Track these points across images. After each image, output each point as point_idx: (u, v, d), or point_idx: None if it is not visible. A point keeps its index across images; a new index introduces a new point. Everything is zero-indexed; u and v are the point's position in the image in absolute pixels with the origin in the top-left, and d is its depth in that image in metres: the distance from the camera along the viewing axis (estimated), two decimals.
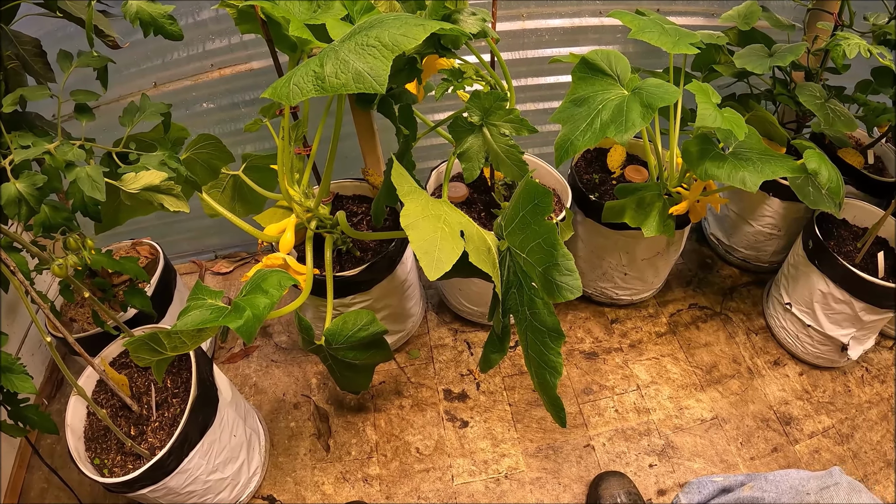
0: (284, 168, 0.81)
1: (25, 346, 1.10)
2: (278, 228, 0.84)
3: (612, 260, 1.09)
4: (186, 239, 1.29)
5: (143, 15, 0.62)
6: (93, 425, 0.85)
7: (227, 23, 0.99)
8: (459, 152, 0.77)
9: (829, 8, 1.00)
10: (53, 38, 0.89)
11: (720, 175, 0.80)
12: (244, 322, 0.59)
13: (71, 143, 0.65)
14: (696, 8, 1.14)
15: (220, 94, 1.06)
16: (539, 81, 1.17)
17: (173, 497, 0.81)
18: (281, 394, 1.08)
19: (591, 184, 1.07)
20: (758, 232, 1.19)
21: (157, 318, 0.97)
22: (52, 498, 1.01)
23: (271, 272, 0.67)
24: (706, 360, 1.13)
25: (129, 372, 0.90)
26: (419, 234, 0.61)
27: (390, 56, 0.55)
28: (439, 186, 1.06)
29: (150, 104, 0.73)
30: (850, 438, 1.02)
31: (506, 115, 0.74)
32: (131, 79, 1.03)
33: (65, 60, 0.70)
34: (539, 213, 0.64)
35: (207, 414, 0.82)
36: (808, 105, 0.95)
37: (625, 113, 0.73)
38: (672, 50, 0.81)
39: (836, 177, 0.86)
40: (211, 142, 0.86)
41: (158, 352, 0.62)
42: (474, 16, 0.70)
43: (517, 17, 1.06)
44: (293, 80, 0.57)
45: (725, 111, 0.79)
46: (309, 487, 0.96)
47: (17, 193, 0.59)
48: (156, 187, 0.65)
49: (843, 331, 1.01)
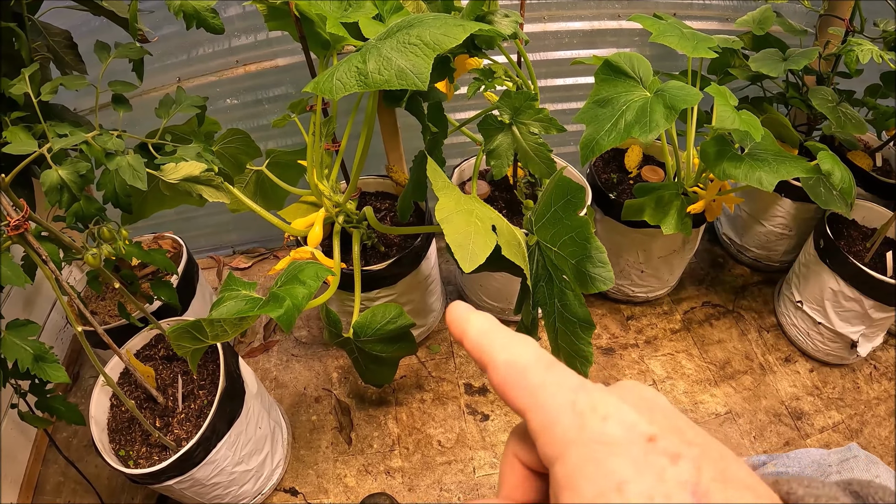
0: (314, 163, 0.82)
1: (42, 339, 1.10)
2: (306, 223, 0.85)
3: (629, 257, 1.11)
4: (204, 234, 1.30)
5: (187, 8, 0.63)
6: (116, 417, 0.86)
7: (253, 20, 1.00)
8: (489, 150, 0.78)
9: (841, 14, 1.03)
10: (78, 32, 0.89)
11: (737, 175, 0.83)
12: (285, 311, 0.60)
13: (110, 133, 0.65)
14: (712, 13, 1.17)
15: (244, 91, 1.07)
16: (558, 82, 1.19)
17: (199, 488, 0.82)
18: (302, 388, 1.09)
19: (609, 183, 1.09)
20: (769, 232, 1.21)
21: (180, 311, 0.98)
22: (69, 492, 1.00)
23: (307, 264, 0.69)
24: (719, 357, 1.15)
25: (154, 364, 0.90)
26: (454, 228, 0.62)
27: (432, 54, 0.57)
28: (462, 183, 1.08)
29: (186, 97, 0.74)
30: (859, 433, 1.05)
31: (535, 114, 0.76)
32: (155, 74, 1.04)
33: (102, 51, 0.71)
34: (572, 209, 0.65)
35: (235, 406, 0.82)
36: (821, 108, 0.98)
37: (648, 114, 0.75)
38: (692, 54, 0.83)
39: (849, 178, 0.89)
40: (239, 136, 0.87)
41: (199, 340, 0.62)
42: (507, 18, 0.72)
43: (539, 20, 1.08)
44: (336, 75, 0.58)
45: (742, 113, 0.81)
46: (331, 480, 0.97)
47: (60, 180, 0.60)
48: (195, 178, 0.66)
49: (852, 328, 1.04)
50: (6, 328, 0.63)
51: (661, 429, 0.15)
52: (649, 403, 0.16)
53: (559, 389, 0.16)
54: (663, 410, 0.16)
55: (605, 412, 0.15)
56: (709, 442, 0.16)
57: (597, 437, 0.15)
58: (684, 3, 1.15)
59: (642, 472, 0.14)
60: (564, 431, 0.15)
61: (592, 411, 0.15)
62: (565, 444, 0.15)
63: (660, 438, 0.15)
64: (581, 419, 0.15)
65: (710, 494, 0.14)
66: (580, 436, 0.15)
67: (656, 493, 0.14)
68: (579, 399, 0.16)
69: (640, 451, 0.15)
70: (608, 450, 0.15)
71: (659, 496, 0.14)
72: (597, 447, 0.15)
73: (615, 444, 0.15)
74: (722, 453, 0.15)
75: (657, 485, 0.14)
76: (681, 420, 0.16)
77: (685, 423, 0.16)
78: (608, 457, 0.14)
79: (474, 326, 0.18)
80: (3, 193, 0.57)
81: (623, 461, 0.14)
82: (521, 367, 0.17)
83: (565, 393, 0.16)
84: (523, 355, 0.17)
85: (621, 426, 0.15)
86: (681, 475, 0.14)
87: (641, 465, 0.14)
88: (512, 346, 0.17)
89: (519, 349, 0.17)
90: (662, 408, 0.16)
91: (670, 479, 0.14)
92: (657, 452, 0.14)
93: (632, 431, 0.15)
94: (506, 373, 0.17)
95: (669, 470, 0.14)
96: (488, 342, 0.18)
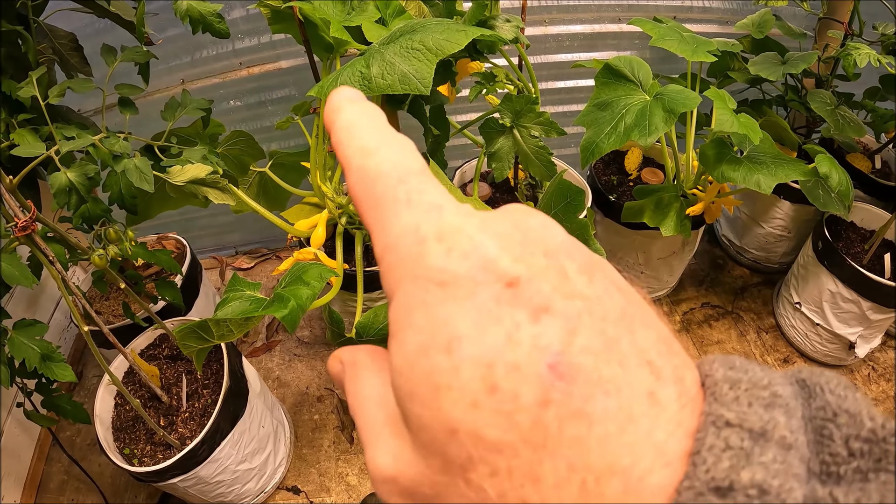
0: (317, 165, 0.82)
1: (46, 339, 1.11)
2: (309, 224, 0.86)
3: (629, 259, 1.12)
4: (207, 235, 1.31)
5: (193, 12, 0.64)
6: (121, 415, 0.87)
7: (257, 22, 1.01)
8: (490, 152, 0.79)
9: (840, 17, 1.04)
10: (83, 34, 0.90)
11: (736, 178, 0.84)
12: (289, 312, 0.61)
13: (117, 135, 0.66)
14: (711, 16, 1.18)
15: (247, 93, 1.08)
16: (559, 85, 1.20)
17: (202, 487, 0.83)
18: (304, 387, 1.10)
19: (609, 185, 1.10)
20: (768, 234, 1.22)
21: (184, 311, 0.98)
22: (72, 490, 1.01)
23: (311, 265, 0.69)
24: None
25: (158, 363, 0.91)
26: None
27: (434, 59, 0.58)
28: (464, 185, 1.08)
29: (192, 100, 0.74)
30: None
31: (536, 117, 0.77)
32: (159, 75, 1.05)
33: (109, 54, 0.72)
34: (572, 211, 0.66)
35: (238, 404, 0.83)
36: (819, 111, 0.98)
37: (648, 117, 0.76)
38: (691, 57, 0.84)
39: (846, 180, 0.89)
40: (243, 138, 0.88)
41: (205, 339, 0.63)
42: (509, 22, 0.73)
43: (540, 23, 1.09)
44: (340, 79, 0.59)
45: (741, 116, 0.82)
46: (333, 479, 0.98)
47: (68, 183, 0.61)
48: (201, 180, 0.67)
49: (850, 329, 1.05)
50: (14, 328, 0.64)
51: (532, 271, 0.11)
52: (529, 234, 0.12)
53: (407, 208, 0.12)
54: (548, 247, 0.12)
55: (452, 242, 0.11)
56: (606, 295, 0.11)
57: (434, 274, 0.11)
58: (684, 7, 1.16)
59: (485, 327, 0.10)
60: (401, 262, 0.12)
61: (437, 239, 0.11)
62: (398, 280, 0.12)
63: (524, 283, 0.11)
64: (420, 247, 0.11)
65: (578, 369, 0.10)
66: (414, 269, 0.11)
67: (499, 360, 0.10)
68: (427, 221, 0.12)
69: (489, 297, 0.10)
70: (445, 292, 0.11)
71: (502, 365, 0.10)
72: (431, 287, 0.11)
73: (456, 285, 0.11)
74: (623, 313, 0.11)
75: (503, 348, 0.10)
76: (573, 262, 0.11)
77: (579, 267, 0.11)
78: (443, 302, 0.11)
79: (342, 119, 0.14)
80: (10, 195, 0.58)
81: (461, 310, 0.10)
82: (373, 176, 0.13)
83: (413, 213, 0.12)
84: (378, 161, 0.13)
85: (469, 262, 0.11)
86: (540, 337, 0.10)
87: (487, 317, 0.10)
88: (370, 147, 0.13)
89: (377, 153, 0.13)
90: (548, 243, 0.12)
91: (524, 342, 0.10)
92: (515, 302, 0.10)
93: (484, 271, 0.11)
94: (356, 182, 0.13)
95: (526, 328, 0.10)
96: (348, 141, 0.14)
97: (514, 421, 0.10)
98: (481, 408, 0.10)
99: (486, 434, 0.10)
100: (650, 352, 0.11)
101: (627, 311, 0.11)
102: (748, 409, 0.10)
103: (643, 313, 0.12)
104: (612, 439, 0.10)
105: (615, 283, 0.12)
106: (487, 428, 0.10)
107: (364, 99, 0.15)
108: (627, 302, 0.12)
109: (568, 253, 0.12)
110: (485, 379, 0.10)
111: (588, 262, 0.12)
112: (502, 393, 0.10)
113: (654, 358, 0.11)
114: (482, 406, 0.10)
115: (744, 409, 0.10)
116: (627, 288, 0.12)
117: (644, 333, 0.11)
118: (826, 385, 0.11)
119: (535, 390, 0.10)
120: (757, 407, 0.10)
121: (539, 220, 0.12)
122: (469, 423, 0.10)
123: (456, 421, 0.10)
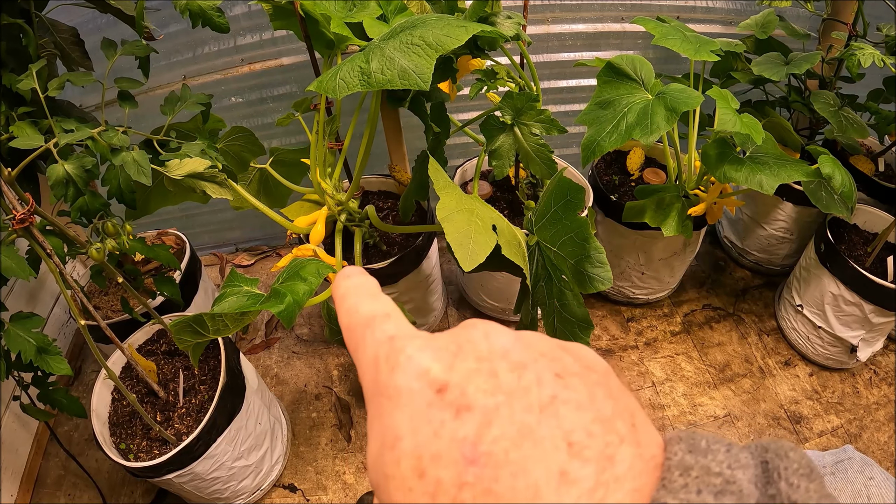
0: (317, 162, 0.82)
1: (46, 333, 1.11)
2: (308, 221, 0.86)
3: (630, 259, 1.11)
4: (207, 232, 1.31)
5: (193, 7, 0.64)
6: (118, 411, 0.86)
7: (259, 18, 1.01)
8: (491, 150, 0.79)
9: (844, 18, 1.03)
10: (85, 29, 0.90)
11: (738, 178, 0.83)
12: (286, 307, 0.61)
13: (116, 129, 0.66)
14: (715, 16, 1.17)
15: (248, 89, 1.08)
16: (561, 84, 1.19)
17: (198, 483, 0.82)
18: (302, 385, 1.09)
19: (610, 185, 1.10)
20: (770, 235, 1.21)
21: (183, 306, 0.98)
22: (69, 485, 1.01)
23: (308, 261, 0.69)
24: (719, 360, 1.15)
25: (156, 359, 0.91)
26: (454, 227, 0.62)
27: (434, 55, 0.58)
28: (464, 183, 1.08)
29: (192, 94, 0.74)
30: (858, 438, 1.05)
31: (537, 115, 0.76)
32: (160, 72, 1.05)
33: (109, 48, 0.71)
34: (571, 209, 0.66)
35: (235, 401, 0.83)
36: (823, 112, 0.98)
37: (650, 116, 0.75)
38: (694, 57, 0.83)
39: (849, 181, 0.89)
40: (244, 134, 0.88)
41: (201, 334, 0.63)
42: (510, 19, 0.73)
43: (542, 21, 1.08)
44: (339, 74, 0.59)
45: (744, 117, 0.81)
46: (330, 477, 0.97)
47: (66, 174, 0.61)
48: (199, 174, 0.66)
49: (852, 332, 1.04)
50: (10, 320, 0.64)
51: (461, 377, 0.13)
52: (463, 345, 0.14)
53: (370, 343, 0.15)
54: (479, 351, 0.13)
55: (395, 362, 0.14)
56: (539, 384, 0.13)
57: (383, 391, 0.14)
58: (687, 7, 1.15)
59: (418, 427, 0.12)
60: (366, 386, 0.14)
61: (385, 361, 0.14)
62: (368, 400, 0.14)
63: (451, 387, 0.13)
64: (374, 371, 0.14)
65: (490, 457, 0.12)
66: (373, 390, 0.14)
67: (425, 452, 0.12)
68: (380, 349, 0.14)
69: (423, 403, 0.13)
70: (391, 403, 0.13)
71: (427, 456, 0.12)
72: (382, 401, 0.14)
73: (398, 397, 0.13)
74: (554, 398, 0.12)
75: (429, 442, 0.12)
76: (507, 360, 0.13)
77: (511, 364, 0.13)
78: (391, 412, 0.13)
79: (338, 290, 0.18)
80: (8, 187, 0.57)
81: (402, 415, 0.13)
82: (352, 326, 0.16)
83: (372, 346, 0.15)
84: (358, 315, 0.16)
85: (408, 376, 0.13)
86: (458, 430, 0.12)
87: (419, 419, 0.13)
88: (352, 306, 0.17)
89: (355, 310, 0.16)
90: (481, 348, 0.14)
91: (445, 435, 0.12)
92: (441, 405, 0.13)
93: (419, 381, 0.13)
94: (345, 334, 0.16)
95: (448, 425, 0.12)
96: (341, 304, 0.17)
97: (438, 501, 0.12)
98: (414, 491, 0.12)
99: None
100: (576, 433, 0.12)
101: (560, 397, 0.13)
102: (696, 497, 0.11)
103: (588, 394, 0.13)
104: None
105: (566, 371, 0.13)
106: None
107: (362, 273, 0.18)
108: (565, 387, 0.13)
109: (503, 355, 0.13)
110: (415, 468, 0.12)
111: (524, 359, 0.13)
112: (428, 478, 0.12)
113: (581, 439, 0.12)
114: (414, 490, 0.12)
115: (691, 496, 0.11)
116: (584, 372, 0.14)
117: (575, 416, 0.12)
118: (784, 471, 0.12)
119: (452, 474, 0.12)
120: (706, 494, 0.11)
121: (481, 331, 0.14)
122: None
123: None
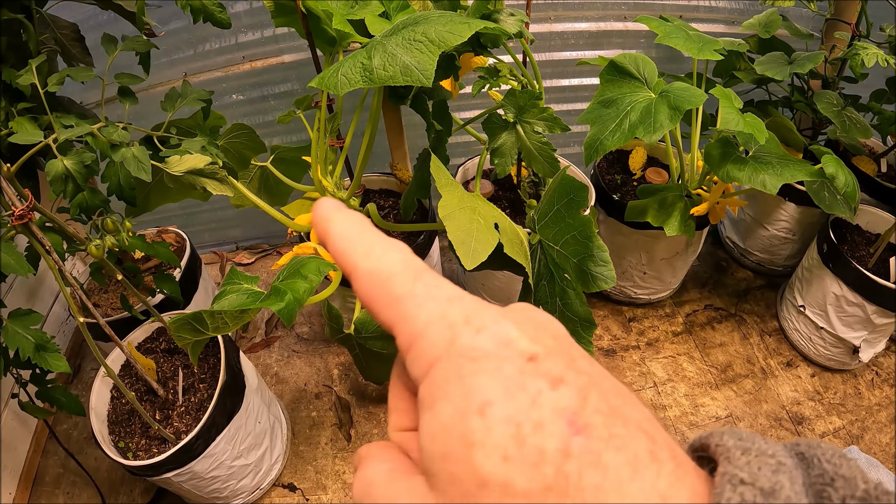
0: (318, 160, 0.82)
1: (45, 331, 1.10)
2: (309, 219, 0.86)
3: (632, 259, 1.11)
4: (208, 230, 1.30)
5: (194, 2, 0.63)
6: (116, 409, 0.86)
7: (260, 16, 1.01)
8: (493, 148, 0.79)
9: (847, 18, 1.03)
10: (86, 25, 0.90)
11: (741, 177, 0.83)
12: (286, 305, 0.60)
13: (115, 125, 0.66)
14: (718, 15, 1.17)
15: (249, 87, 1.07)
16: (563, 83, 1.19)
17: (197, 482, 0.82)
18: (302, 384, 1.09)
19: (612, 184, 1.09)
20: (773, 236, 1.21)
21: (183, 304, 0.98)
22: (68, 483, 1.01)
23: (309, 259, 0.69)
24: (721, 360, 1.15)
25: (155, 357, 0.91)
26: (456, 225, 0.62)
27: (436, 51, 0.57)
28: (466, 182, 1.08)
29: (192, 91, 0.74)
30: (859, 440, 1.04)
31: (539, 113, 0.76)
32: (162, 69, 1.05)
33: (109, 44, 0.71)
34: (574, 207, 0.65)
35: (235, 400, 0.82)
36: (826, 112, 0.97)
37: (653, 115, 0.75)
38: (697, 55, 0.83)
39: (853, 182, 0.88)
40: (245, 132, 0.87)
41: (200, 332, 0.63)
42: (513, 16, 0.72)
43: (545, 20, 1.08)
44: (341, 70, 0.58)
45: (747, 116, 0.81)
46: (330, 476, 0.97)
47: (65, 170, 0.60)
48: (200, 171, 0.66)
49: (854, 333, 1.04)
50: (8, 317, 0.64)
51: (547, 350, 0.13)
52: (538, 324, 0.14)
53: (428, 300, 0.14)
54: (554, 334, 0.14)
55: (480, 324, 0.13)
56: (603, 376, 0.13)
57: (466, 351, 0.13)
58: (691, 6, 1.15)
59: (513, 393, 0.12)
60: (432, 345, 0.13)
61: (466, 323, 0.13)
62: (431, 361, 0.13)
63: (542, 359, 0.13)
64: (451, 331, 0.13)
65: (592, 427, 0.12)
66: (448, 349, 0.13)
67: (525, 420, 0.11)
68: (452, 310, 0.14)
69: (514, 369, 0.12)
70: (476, 366, 0.12)
71: (528, 423, 0.11)
72: (464, 362, 0.13)
73: (486, 360, 0.12)
74: (618, 390, 0.13)
75: (528, 409, 0.12)
76: (575, 349, 0.14)
77: (579, 353, 0.14)
78: (475, 374, 0.12)
79: (337, 229, 0.16)
80: (8, 183, 0.57)
81: (491, 379, 0.12)
82: (385, 276, 0.14)
83: (436, 304, 0.14)
84: (388, 263, 0.14)
85: (496, 340, 0.13)
86: (559, 401, 0.12)
87: (513, 385, 0.12)
88: (376, 252, 0.15)
89: (384, 256, 0.15)
90: (553, 332, 0.14)
91: (545, 405, 0.12)
92: (536, 374, 0.12)
93: (508, 347, 0.13)
94: (369, 283, 0.15)
95: (546, 394, 0.12)
96: (351, 248, 0.15)
97: (541, 471, 0.11)
98: (511, 460, 0.11)
99: (515, 483, 0.11)
100: (644, 423, 0.13)
101: (620, 389, 0.13)
102: (758, 472, 0.12)
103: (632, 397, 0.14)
104: (624, 486, 0.11)
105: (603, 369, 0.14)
106: (517, 478, 0.11)
107: (347, 208, 0.16)
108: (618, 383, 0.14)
109: (568, 341, 0.14)
110: (514, 436, 0.11)
111: (582, 351, 0.14)
112: (529, 447, 0.11)
113: (648, 428, 0.13)
114: (512, 459, 0.11)
115: (754, 471, 0.12)
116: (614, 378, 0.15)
117: (637, 409, 0.13)
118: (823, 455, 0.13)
119: (557, 444, 0.11)
120: (766, 471, 0.12)
121: (545, 315, 0.15)
122: (500, 474, 0.11)
123: (488, 473, 0.11)
